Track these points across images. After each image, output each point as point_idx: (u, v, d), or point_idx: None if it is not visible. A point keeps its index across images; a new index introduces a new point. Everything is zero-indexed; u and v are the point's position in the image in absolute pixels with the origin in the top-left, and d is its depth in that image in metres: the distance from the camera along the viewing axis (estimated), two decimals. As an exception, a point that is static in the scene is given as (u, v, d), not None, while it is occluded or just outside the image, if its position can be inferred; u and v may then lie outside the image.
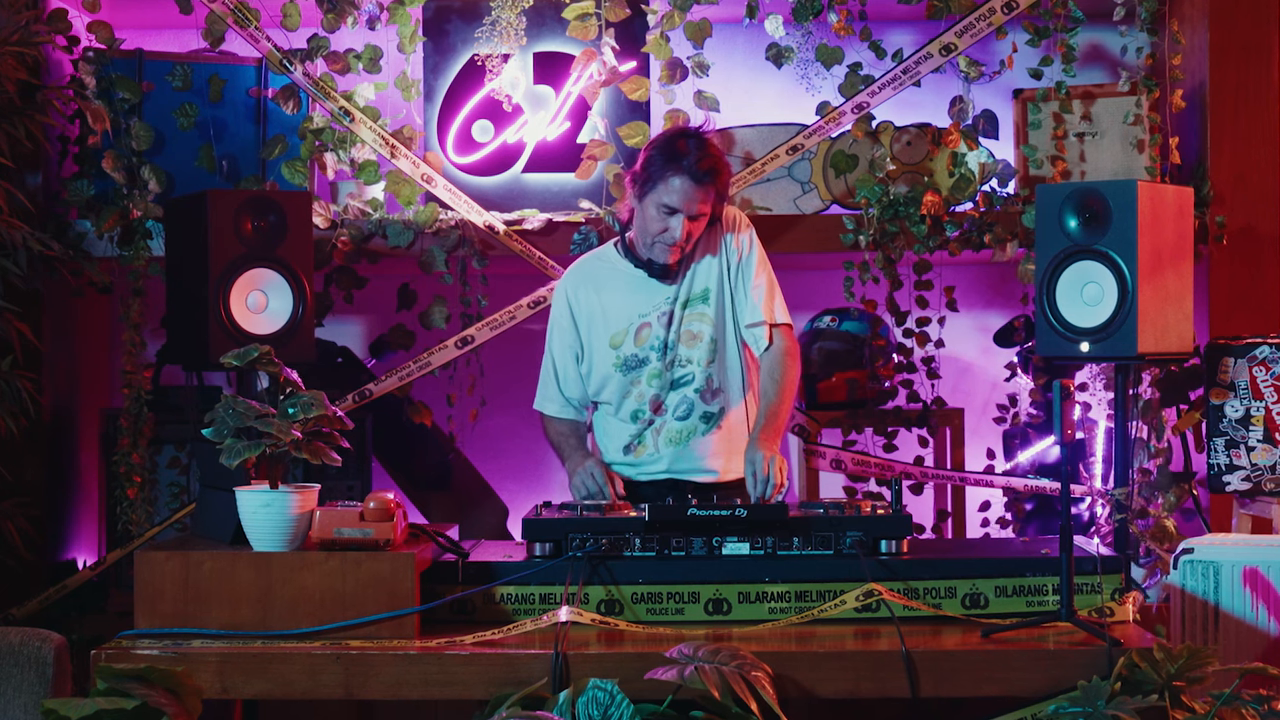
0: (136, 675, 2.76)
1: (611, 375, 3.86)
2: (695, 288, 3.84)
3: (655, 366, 3.82)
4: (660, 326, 3.82)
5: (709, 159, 3.70)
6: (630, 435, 3.87)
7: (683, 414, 3.83)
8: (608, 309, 3.87)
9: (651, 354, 3.83)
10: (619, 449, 3.89)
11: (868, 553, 3.20)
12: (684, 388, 3.83)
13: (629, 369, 3.84)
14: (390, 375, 4.62)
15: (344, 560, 3.01)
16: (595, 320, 3.88)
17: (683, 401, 3.83)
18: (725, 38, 4.83)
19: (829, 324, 4.81)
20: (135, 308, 4.58)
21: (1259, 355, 4.13)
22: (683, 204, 3.69)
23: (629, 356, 3.83)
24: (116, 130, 4.57)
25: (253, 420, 3.00)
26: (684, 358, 3.82)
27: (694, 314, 3.84)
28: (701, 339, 3.83)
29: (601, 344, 3.87)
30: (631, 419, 3.87)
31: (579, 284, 3.94)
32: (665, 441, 3.85)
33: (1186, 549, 3.54)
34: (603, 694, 2.74)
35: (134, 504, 4.50)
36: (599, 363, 3.88)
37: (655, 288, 3.84)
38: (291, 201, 4.08)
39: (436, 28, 4.76)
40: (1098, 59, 5.07)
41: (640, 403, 3.85)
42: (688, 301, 3.84)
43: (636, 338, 3.83)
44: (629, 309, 3.85)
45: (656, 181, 3.70)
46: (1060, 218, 3.80)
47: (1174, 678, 2.84)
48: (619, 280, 3.88)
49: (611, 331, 3.86)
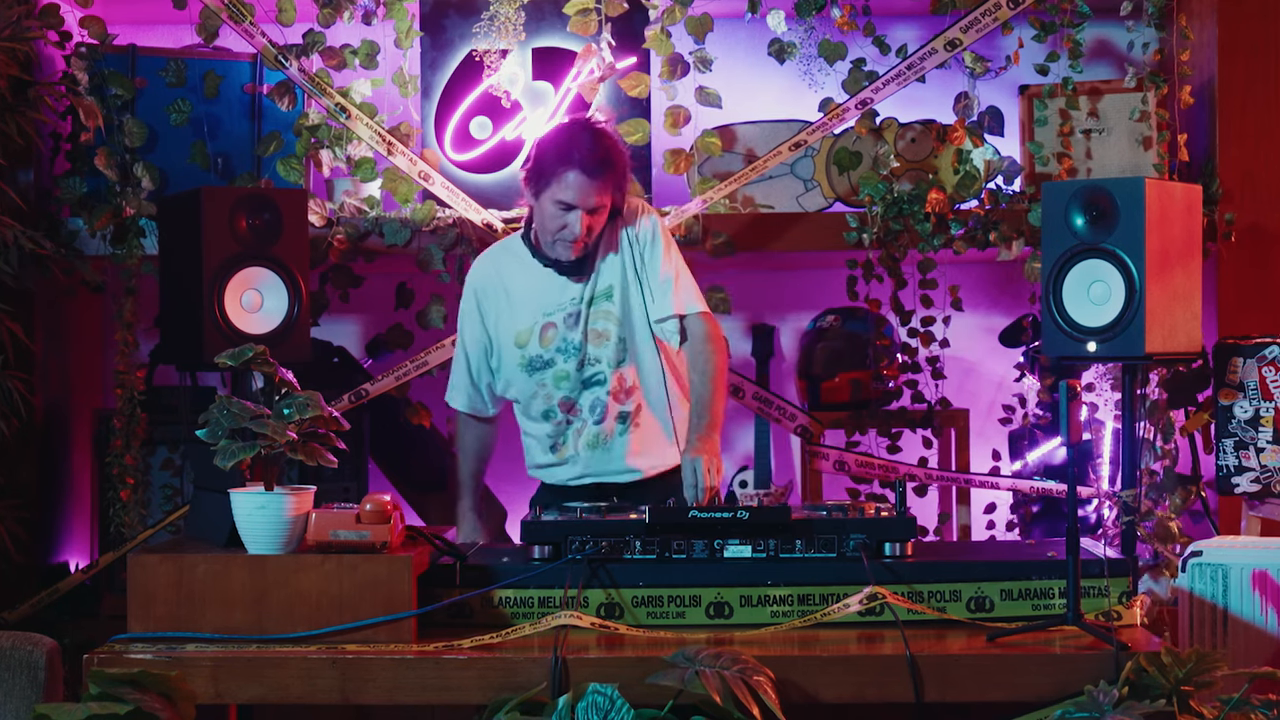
0: (129, 680, 2.74)
1: (517, 375, 3.80)
2: (600, 285, 3.76)
3: (563, 368, 3.76)
4: (566, 327, 3.75)
5: (601, 150, 3.62)
6: (549, 435, 3.83)
7: (598, 417, 3.78)
8: (514, 306, 3.80)
9: (558, 355, 3.76)
10: (543, 449, 3.85)
11: (871, 556, 3.17)
12: (596, 388, 3.78)
13: (534, 369, 3.78)
14: (387, 375, 4.60)
15: (340, 563, 2.98)
16: (502, 317, 3.82)
17: (596, 403, 3.78)
18: (727, 33, 4.82)
19: (832, 323, 4.81)
20: (128, 307, 4.57)
21: (1268, 355, 4.12)
22: (578, 199, 3.61)
23: (534, 357, 3.77)
24: (109, 127, 4.55)
25: (247, 421, 2.98)
26: (593, 357, 3.76)
27: (599, 312, 3.76)
28: (609, 338, 3.76)
29: (508, 342, 3.81)
30: (543, 418, 3.82)
31: (485, 279, 3.87)
32: (584, 445, 3.80)
33: (1195, 551, 3.51)
34: (603, 699, 2.72)
35: (127, 506, 4.49)
36: (506, 360, 3.83)
37: (560, 286, 3.76)
38: (287, 199, 4.07)
39: (434, 23, 4.74)
40: (1105, 54, 5.06)
41: (549, 403, 3.79)
42: (593, 299, 3.75)
43: (541, 338, 3.77)
44: (533, 308, 3.77)
45: (550, 179, 3.61)
46: (1067, 216, 3.79)
47: (1182, 682, 2.82)
48: (525, 276, 3.80)
49: (516, 330, 3.79)
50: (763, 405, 4.75)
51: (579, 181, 3.60)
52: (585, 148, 3.61)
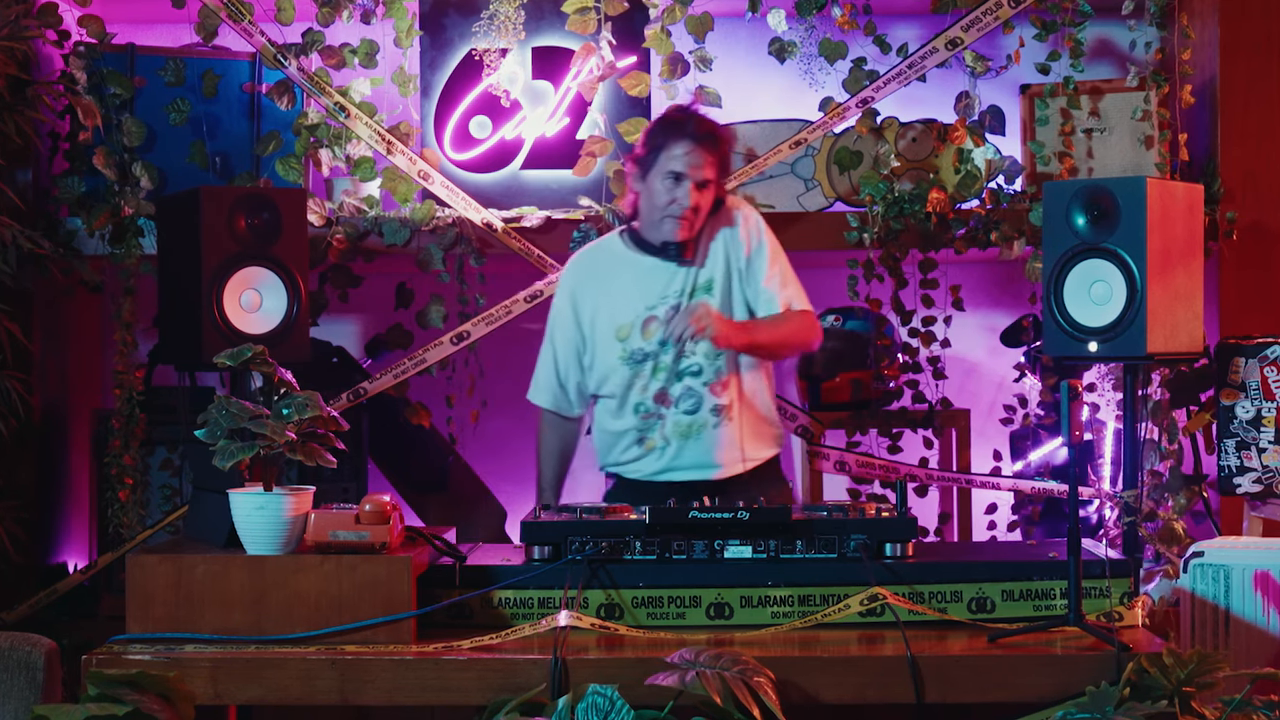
0: (128, 681, 2.73)
1: (617, 368, 3.82)
2: (701, 279, 3.82)
3: (663, 360, 3.79)
4: (667, 319, 3.78)
5: (708, 124, 3.81)
6: (638, 430, 3.83)
7: (691, 407, 3.80)
8: (614, 301, 3.84)
9: (658, 346, 3.79)
10: (628, 444, 3.85)
11: (872, 556, 3.17)
12: (690, 378, 3.79)
13: (635, 362, 3.81)
14: (386, 375, 4.59)
15: (339, 564, 2.98)
16: (600, 313, 3.85)
17: (689, 394, 3.79)
18: (727, 32, 4.81)
19: (833, 323, 4.80)
20: (127, 307, 4.56)
21: (1270, 355, 4.12)
22: (688, 168, 3.71)
23: (635, 350, 3.80)
24: (108, 126, 4.54)
25: (246, 421, 2.97)
26: (690, 349, 3.79)
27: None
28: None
29: (606, 337, 3.84)
30: (635, 411, 3.82)
31: (582, 277, 3.92)
32: (675, 435, 3.81)
33: (1196, 552, 3.51)
34: (602, 700, 2.71)
35: (126, 506, 4.48)
36: (603, 355, 3.85)
37: (662, 279, 3.81)
38: (286, 199, 4.06)
39: (433, 22, 4.74)
40: (1106, 54, 5.05)
41: (644, 395, 3.81)
42: (694, 292, 3.80)
43: (644, 331, 3.81)
44: (635, 301, 3.82)
45: (659, 152, 3.74)
46: (1068, 215, 3.78)
47: (1184, 683, 2.82)
48: (624, 271, 3.85)
49: (617, 324, 3.83)
50: (763, 405, 4.73)
51: (689, 150, 3.71)
52: (693, 122, 3.77)
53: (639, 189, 3.81)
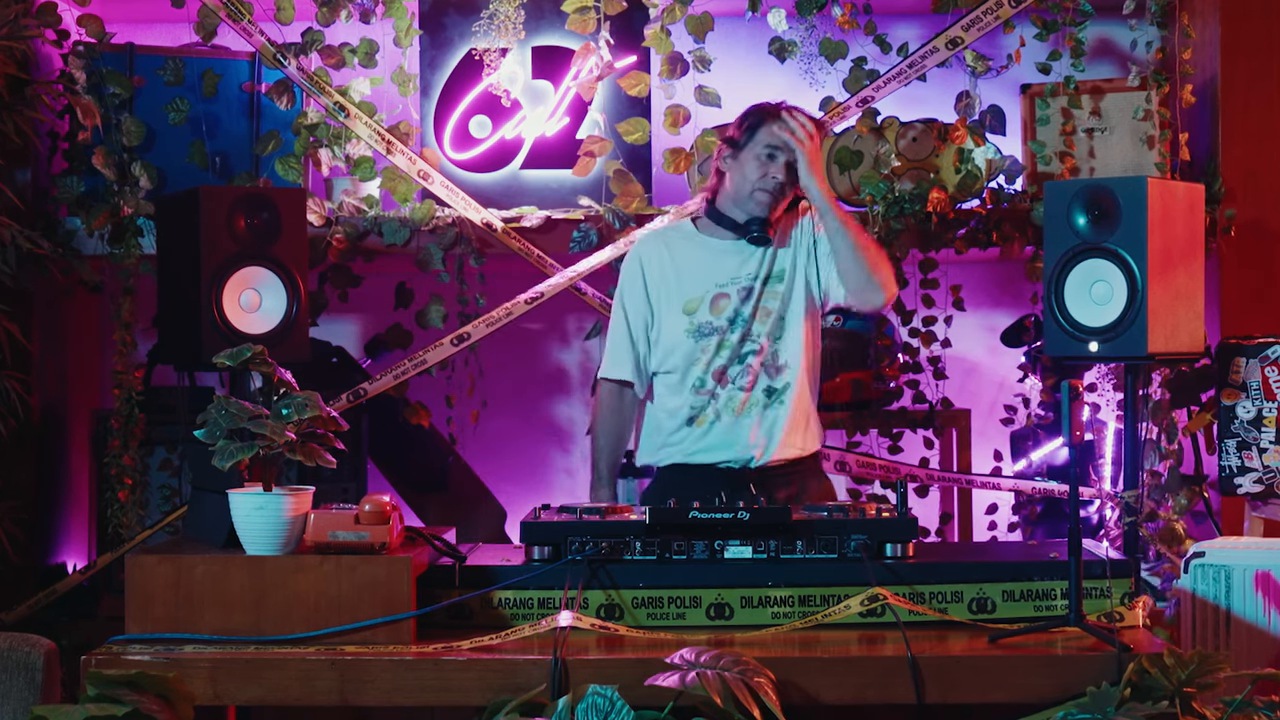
0: (127, 681, 2.72)
1: (682, 341, 3.84)
2: (776, 267, 3.85)
3: (729, 338, 3.81)
4: (739, 299, 3.82)
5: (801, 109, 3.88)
6: (693, 407, 3.84)
7: (745, 384, 3.81)
8: (682, 275, 3.87)
9: (727, 324, 3.82)
10: (680, 423, 3.85)
11: (872, 556, 3.16)
12: (750, 358, 3.82)
13: (701, 336, 3.83)
14: (386, 375, 4.58)
15: (339, 564, 2.97)
16: (669, 285, 3.88)
17: (745, 371, 3.82)
18: (727, 32, 4.80)
19: (833, 323, 4.79)
20: (126, 307, 4.55)
21: (1271, 355, 4.11)
22: (784, 146, 3.77)
23: (703, 324, 3.83)
24: (107, 126, 4.54)
25: (246, 421, 2.96)
26: (756, 332, 3.82)
27: (771, 292, 3.84)
28: (771, 314, 3.83)
29: (674, 309, 3.86)
30: (693, 388, 3.83)
31: (653, 248, 3.94)
32: (727, 410, 3.82)
33: (1197, 552, 3.50)
34: (603, 700, 2.70)
35: (125, 506, 4.48)
36: (669, 328, 3.86)
37: (735, 260, 3.84)
38: (285, 198, 4.06)
39: (433, 21, 4.73)
40: (1107, 53, 5.05)
41: (705, 370, 3.82)
42: (769, 278, 3.84)
43: (713, 306, 3.83)
44: (706, 278, 3.85)
45: (756, 129, 3.80)
46: (1069, 215, 3.78)
47: (1185, 684, 2.81)
48: (696, 249, 3.89)
49: (686, 297, 3.85)
50: (763, 405, 4.73)
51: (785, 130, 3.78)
52: (786, 105, 3.87)
53: (729, 168, 3.84)
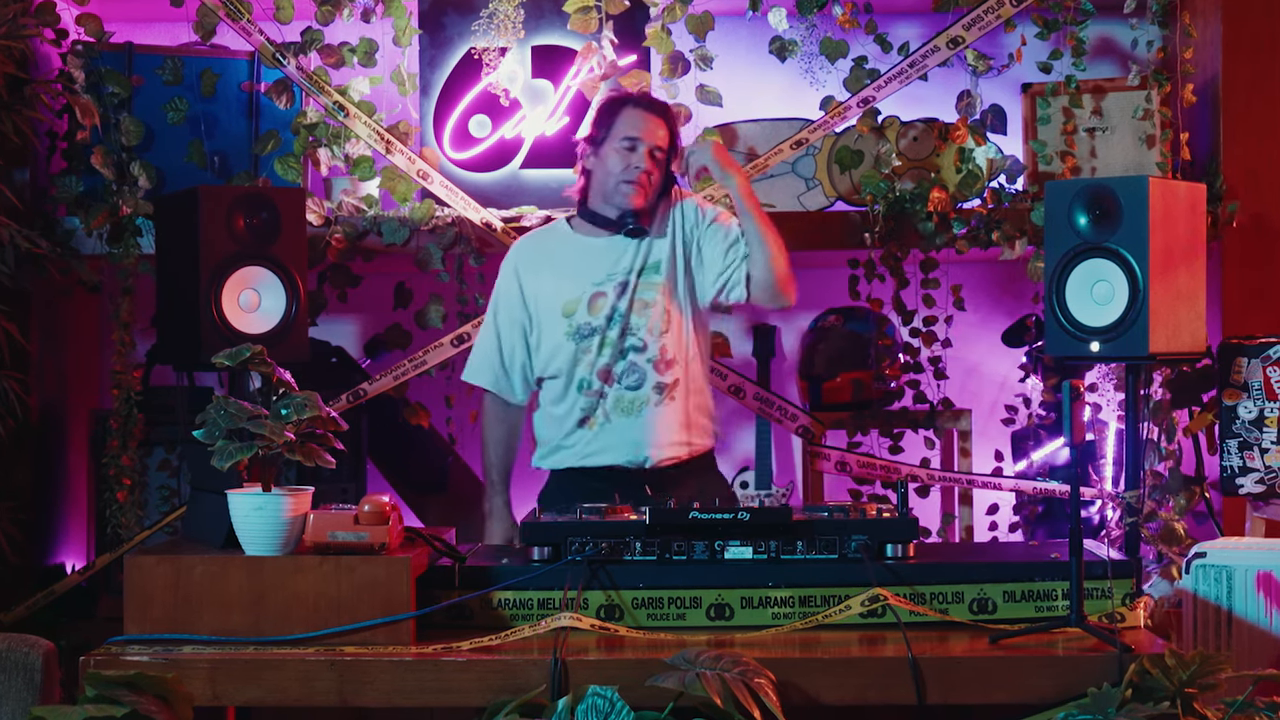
0: (126, 682, 2.72)
1: (563, 344, 3.84)
2: (651, 258, 3.85)
3: (608, 335, 3.81)
4: (615, 296, 3.82)
5: (651, 95, 4.05)
6: (582, 409, 3.84)
7: (634, 383, 3.81)
8: (560, 279, 3.87)
9: (605, 322, 3.82)
10: (571, 425, 3.85)
11: (873, 557, 3.15)
12: (633, 354, 3.81)
13: (581, 337, 3.83)
14: (385, 375, 4.58)
15: (338, 565, 2.97)
16: (543, 290, 3.88)
17: (632, 369, 3.81)
18: (728, 31, 4.80)
19: (834, 323, 4.79)
20: (125, 306, 4.55)
21: (1273, 355, 4.10)
22: (643, 132, 3.80)
23: (582, 325, 3.83)
24: (106, 125, 4.53)
25: (245, 421, 2.96)
26: (635, 325, 3.81)
27: (647, 283, 3.83)
28: (653, 306, 3.82)
29: (553, 314, 3.86)
30: (580, 388, 3.83)
31: (528, 256, 3.95)
32: (617, 411, 3.81)
33: (1198, 553, 3.49)
34: (602, 701, 2.70)
35: (124, 507, 4.47)
36: (549, 332, 3.86)
37: (610, 257, 3.84)
38: (284, 198, 4.04)
39: (433, 21, 4.73)
40: (1108, 53, 5.05)
41: (589, 371, 3.82)
42: (643, 270, 3.84)
43: (590, 306, 3.83)
44: (582, 278, 3.85)
45: (613, 120, 3.83)
46: (1070, 214, 3.76)
47: (1186, 684, 2.80)
48: (571, 250, 3.89)
49: (564, 300, 3.84)
50: (764, 405, 4.73)
51: (641, 115, 3.83)
52: (639, 93, 4.03)
53: (592, 166, 3.87)
